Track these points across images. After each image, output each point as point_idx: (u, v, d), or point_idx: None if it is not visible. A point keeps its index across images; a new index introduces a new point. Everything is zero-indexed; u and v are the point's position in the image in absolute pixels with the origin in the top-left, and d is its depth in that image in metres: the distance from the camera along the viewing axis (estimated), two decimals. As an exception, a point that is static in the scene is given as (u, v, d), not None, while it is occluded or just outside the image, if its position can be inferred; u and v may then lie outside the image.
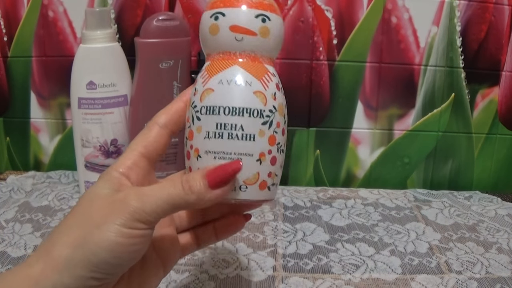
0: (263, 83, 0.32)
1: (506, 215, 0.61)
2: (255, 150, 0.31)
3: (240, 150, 0.31)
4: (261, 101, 0.31)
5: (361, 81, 0.67)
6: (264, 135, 0.31)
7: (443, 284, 0.46)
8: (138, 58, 0.58)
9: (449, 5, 0.64)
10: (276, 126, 0.32)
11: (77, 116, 0.60)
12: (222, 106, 0.31)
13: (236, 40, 0.32)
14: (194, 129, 0.32)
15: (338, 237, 0.55)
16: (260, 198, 0.32)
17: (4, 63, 0.70)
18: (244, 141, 0.31)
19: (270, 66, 0.34)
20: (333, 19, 0.65)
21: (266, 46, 0.33)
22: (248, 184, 0.31)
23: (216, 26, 0.32)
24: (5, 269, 0.47)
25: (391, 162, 0.70)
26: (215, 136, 0.31)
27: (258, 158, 0.31)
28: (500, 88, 0.67)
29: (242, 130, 0.31)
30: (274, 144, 0.32)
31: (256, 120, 0.31)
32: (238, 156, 0.31)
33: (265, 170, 0.32)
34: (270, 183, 0.32)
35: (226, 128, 0.31)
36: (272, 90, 0.32)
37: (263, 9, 0.32)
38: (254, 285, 0.46)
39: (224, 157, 0.31)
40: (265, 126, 0.31)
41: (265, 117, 0.31)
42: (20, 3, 0.67)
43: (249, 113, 0.31)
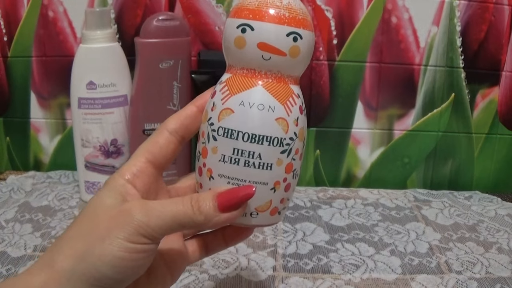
0: (286, 108, 0.30)
1: (506, 215, 0.61)
2: (271, 180, 0.30)
3: (255, 179, 0.30)
4: (283, 128, 0.30)
5: (361, 81, 0.67)
6: (282, 164, 0.30)
7: (443, 284, 0.46)
8: (138, 58, 0.58)
9: (449, 5, 0.64)
10: (294, 153, 0.30)
11: (77, 116, 0.60)
12: (241, 131, 0.29)
13: (263, 58, 0.30)
14: (209, 148, 0.30)
15: (338, 237, 0.55)
16: (270, 223, 0.32)
17: (4, 63, 0.70)
18: (261, 170, 0.30)
19: (296, 86, 0.31)
20: (333, 19, 0.65)
21: (294, 66, 0.31)
22: (260, 211, 0.30)
23: (243, 39, 0.30)
24: (5, 269, 0.47)
25: (391, 162, 0.70)
26: (230, 161, 0.30)
27: (273, 187, 0.30)
28: (500, 88, 0.67)
29: (259, 159, 0.29)
30: (290, 171, 0.31)
31: (275, 149, 0.30)
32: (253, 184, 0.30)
33: (278, 197, 0.31)
34: (281, 208, 0.31)
35: (243, 155, 0.29)
36: (295, 115, 0.30)
37: (296, 26, 0.29)
38: (254, 285, 0.46)
39: (238, 184, 0.30)
40: (284, 155, 0.30)
41: (284, 146, 0.30)
42: (20, 3, 0.67)
43: (269, 141, 0.29)
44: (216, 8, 0.65)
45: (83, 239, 0.28)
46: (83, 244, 0.28)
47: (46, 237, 0.53)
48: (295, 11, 0.30)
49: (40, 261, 0.29)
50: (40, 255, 0.49)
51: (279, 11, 0.29)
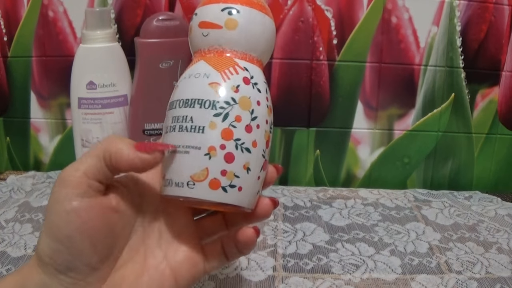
0: (223, 75, 0.30)
1: (506, 215, 0.61)
2: (204, 143, 0.29)
3: (188, 143, 0.29)
4: (216, 92, 0.29)
5: (361, 81, 0.67)
6: (215, 127, 0.29)
7: (443, 284, 0.46)
8: (138, 58, 0.58)
9: (449, 5, 0.64)
10: (234, 120, 0.29)
11: (77, 116, 0.60)
12: (178, 99, 0.30)
13: (203, 35, 0.31)
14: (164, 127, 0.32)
15: (338, 237, 0.55)
16: (212, 199, 0.29)
17: (4, 63, 0.70)
18: (193, 133, 0.29)
19: (243, 61, 0.31)
20: (333, 19, 0.65)
21: (235, 39, 0.31)
22: (196, 181, 0.29)
23: (190, 26, 0.32)
24: (5, 269, 0.47)
25: (391, 162, 0.70)
26: (169, 130, 0.30)
27: (207, 152, 0.29)
28: (500, 88, 0.67)
29: (191, 122, 0.29)
30: (230, 139, 0.29)
31: (206, 111, 0.29)
32: (186, 149, 0.29)
33: (217, 166, 0.29)
34: (226, 184, 0.29)
35: (178, 120, 0.30)
36: (234, 82, 0.30)
37: (232, 2, 0.31)
38: (254, 285, 0.46)
39: (173, 151, 0.30)
40: (218, 118, 0.29)
41: (218, 109, 0.29)
42: (20, 3, 0.67)
43: (200, 104, 0.29)
44: (216, 8, 0.65)
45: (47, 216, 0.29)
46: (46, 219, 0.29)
47: None
48: None
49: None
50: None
51: None
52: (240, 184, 0.30)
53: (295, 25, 0.65)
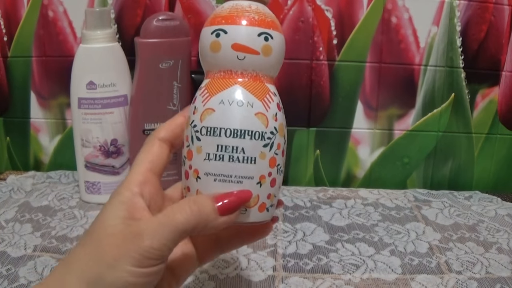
0: (265, 104, 0.31)
1: (506, 215, 0.61)
2: (256, 173, 0.31)
3: (241, 173, 0.30)
4: (263, 123, 0.31)
5: (361, 81, 0.67)
6: (265, 157, 0.31)
7: (443, 284, 0.46)
8: (138, 58, 0.58)
9: (449, 5, 0.64)
10: (277, 148, 0.31)
11: (77, 116, 0.60)
12: (223, 127, 0.30)
13: (238, 58, 0.31)
14: (194, 149, 0.31)
15: (338, 237, 0.55)
16: (259, 220, 0.32)
17: (4, 63, 0.70)
18: (245, 164, 0.30)
19: (271, 85, 0.33)
20: (333, 19, 0.65)
21: (268, 65, 0.32)
22: (248, 207, 0.31)
23: (218, 43, 0.31)
24: (5, 269, 0.47)
25: (391, 162, 0.70)
26: (215, 158, 0.30)
27: (259, 181, 0.31)
28: (500, 88, 0.67)
29: (243, 153, 0.30)
30: (274, 166, 0.31)
31: (257, 143, 0.30)
32: (238, 179, 0.30)
33: (265, 192, 0.31)
34: (269, 205, 0.32)
35: (227, 150, 0.30)
36: (273, 111, 0.31)
37: (266, 27, 0.31)
38: (254, 285, 0.46)
39: (224, 180, 0.30)
40: (266, 149, 0.31)
41: (266, 139, 0.31)
42: (20, 3, 0.67)
43: (250, 135, 0.30)
44: (216, 8, 0.65)
45: (94, 263, 0.28)
46: (94, 269, 0.28)
47: (46, 237, 0.53)
48: (264, 14, 0.32)
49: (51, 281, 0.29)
50: (40, 255, 0.50)
51: (249, 14, 0.31)
52: (275, 202, 0.33)
53: (295, 25, 0.65)
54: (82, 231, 0.55)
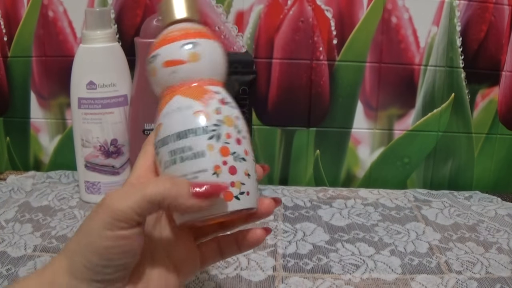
0: (204, 102, 0.33)
1: (506, 215, 0.61)
2: (209, 165, 0.32)
3: (194, 169, 0.32)
4: (202, 118, 0.32)
5: (361, 81, 0.67)
6: (213, 148, 0.32)
7: (443, 284, 0.47)
8: (138, 58, 0.58)
9: (449, 5, 0.64)
10: (225, 137, 0.32)
11: (77, 116, 0.60)
12: (169, 135, 0.32)
13: (172, 72, 0.34)
14: (157, 164, 0.34)
15: (338, 237, 0.55)
16: (231, 209, 0.32)
17: (4, 63, 0.70)
18: (195, 160, 0.32)
19: (214, 86, 0.34)
20: (333, 19, 0.65)
21: (201, 70, 0.34)
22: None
23: (154, 67, 0.34)
24: (5, 269, 0.47)
25: (391, 162, 0.70)
26: (170, 164, 0.32)
27: (214, 171, 0.32)
28: (500, 88, 0.67)
29: (190, 150, 0.32)
30: (228, 154, 0.32)
31: (201, 137, 0.32)
32: (194, 175, 0.32)
33: (226, 180, 0.32)
34: (237, 193, 0.32)
35: (176, 153, 0.32)
36: (214, 106, 0.33)
37: (189, 37, 0.34)
38: (254, 285, 0.46)
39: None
40: (213, 140, 0.32)
41: (210, 132, 0.32)
42: (20, 3, 0.67)
43: (193, 133, 0.32)
44: (216, 8, 0.65)
45: (76, 236, 0.31)
46: (75, 241, 0.31)
47: (46, 237, 0.53)
48: (188, 29, 0.34)
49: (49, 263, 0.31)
50: (40, 255, 0.50)
51: (173, 33, 0.34)
52: (247, 189, 0.33)
53: (295, 25, 0.65)
54: (82, 231, 0.55)
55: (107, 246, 0.29)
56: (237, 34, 0.66)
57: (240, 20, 0.66)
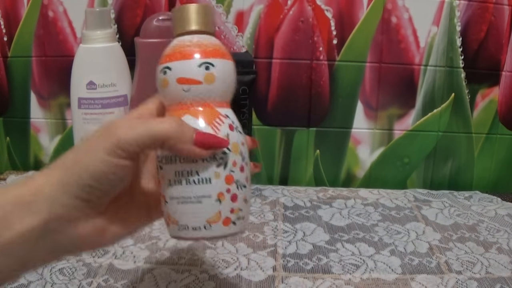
0: (214, 127, 0.33)
1: (506, 215, 0.61)
2: (213, 192, 0.33)
3: (198, 194, 0.32)
4: None
5: (361, 81, 0.67)
6: (220, 176, 0.33)
7: (443, 284, 0.47)
8: (138, 58, 0.58)
9: (449, 5, 0.64)
10: (232, 166, 0.33)
11: (77, 116, 0.60)
12: (175, 157, 0.33)
13: (184, 91, 0.33)
14: (160, 177, 0.34)
15: (338, 237, 0.55)
16: (226, 234, 0.34)
17: (4, 63, 0.70)
18: (201, 185, 0.32)
19: (223, 109, 0.34)
20: (333, 19, 0.65)
21: (214, 91, 0.34)
22: (212, 223, 0.33)
23: (166, 80, 0.34)
24: (5, 269, 0.47)
25: (391, 162, 0.70)
26: (175, 183, 0.33)
27: (217, 199, 0.33)
28: (500, 88, 0.67)
29: (197, 175, 0.32)
30: (232, 182, 0.33)
31: (210, 164, 0.32)
32: (197, 199, 0.32)
33: (227, 207, 0.33)
34: (235, 218, 0.33)
35: (183, 175, 0.33)
36: (224, 132, 0.33)
37: (206, 56, 0.34)
38: (254, 285, 0.46)
39: (185, 201, 0.33)
40: (220, 168, 0.33)
41: (218, 160, 0.33)
42: (20, 3, 0.67)
43: (202, 159, 0.32)
44: (216, 8, 0.65)
45: (74, 153, 0.32)
46: (72, 157, 0.32)
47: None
48: (205, 45, 0.34)
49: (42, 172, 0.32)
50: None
51: (190, 48, 0.34)
52: (243, 214, 0.34)
53: (295, 25, 0.65)
54: (82, 231, 0.55)
55: (104, 171, 0.30)
56: (237, 34, 0.66)
57: (240, 20, 0.66)
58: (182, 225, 0.33)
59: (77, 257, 0.49)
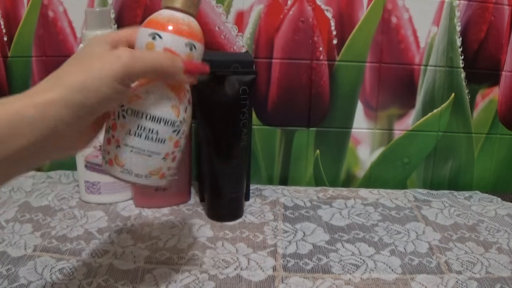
0: (180, 99, 0.38)
1: (506, 215, 0.61)
2: (163, 151, 0.38)
3: (152, 149, 0.38)
4: (175, 114, 0.38)
5: (361, 81, 0.67)
6: (172, 140, 0.39)
7: (443, 284, 0.47)
8: (138, 58, 0.58)
9: (449, 5, 0.64)
10: (182, 133, 0.39)
11: (77, 116, 0.59)
12: (145, 112, 0.37)
13: None
14: (119, 124, 0.38)
15: (338, 237, 0.55)
16: (158, 185, 0.40)
17: (4, 63, 0.70)
18: (157, 143, 0.38)
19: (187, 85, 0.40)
20: (333, 19, 0.65)
21: None
22: (152, 175, 0.39)
23: (153, 44, 0.37)
24: (5, 269, 0.47)
25: (391, 162, 0.70)
26: (135, 135, 0.38)
27: (164, 157, 0.39)
28: (500, 88, 0.67)
29: (156, 134, 0.38)
30: (177, 147, 0.39)
31: (168, 128, 0.38)
32: (149, 153, 0.38)
33: (167, 165, 0.39)
34: (168, 175, 0.40)
35: (144, 130, 0.37)
36: (185, 104, 0.39)
37: (192, 38, 0.38)
38: (254, 285, 0.46)
39: (138, 152, 0.38)
40: (174, 133, 0.39)
41: (176, 126, 0.38)
42: (20, 3, 0.67)
43: (164, 122, 0.38)
44: (216, 8, 0.65)
45: (80, 75, 0.33)
46: (79, 78, 0.33)
47: (46, 237, 0.53)
48: (192, 27, 0.38)
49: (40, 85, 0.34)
50: (40, 255, 0.50)
51: (182, 26, 0.38)
52: (174, 172, 0.41)
53: (295, 25, 0.65)
54: (82, 231, 0.55)
55: (111, 96, 0.34)
56: (237, 34, 0.66)
57: (240, 20, 0.66)
58: (126, 169, 0.38)
59: (77, 257, 0.50)
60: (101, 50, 0.36)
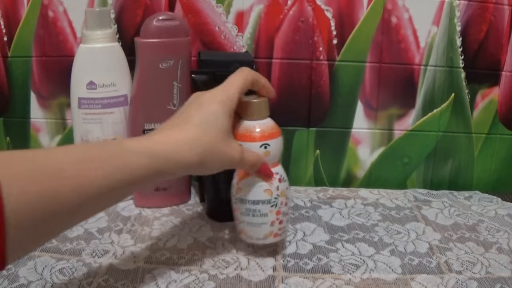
0: (269, 183, 0.49)
1: (506, 215, 0.61)
2: (268, 221, 0.49)
3: (259, 222, 0.49)
4: (269, 194, 0.49)
5: (361, 81, 0.67)
6: (272, 212, 0.49)
7: (443, 284, 0.47)
8: (138, 58, 0.58)
9: (449, 5, 0.64)
10: (280, 204, 0.49)
11: (77, 116, 0.60)
12: (248, 199, 0.49)
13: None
14: (235, 207, 0.51)
15: (338, 237, 0.55)
16: (275, 241, 0.51)
17: (4, 63, 0.70)
18: (261, 217, 0.49)
19: (274, 168, 0.50)
20: (333, 19, 0.65)
21: (269, 160, 0.49)
22: (267, 237, 0.50)
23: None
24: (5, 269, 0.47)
25: (391, 162, 0.70)
26: (245, 215, 0.50)
27: (271, 224, 0.49)
28: (500, 88, 0.67)
29: (259, 212, 0.49)
30: (280, 214, 0.50)
31: (266, 206, 0.49)
32: (258, 225, 0.49)
33: (276, 228, 0.50)
34: (280, 233, 0.51)
35: (250, 211, 0.49)
36: (275, 184, 0.49)
37: (265, 139, 0.48)
38: (254, 285, 0.46)
39: (251, 225, 0.49)
40: (273, 207, 0.49)
41: (272, 202, 0.49)
42: (20, 3, 0.67)
43: (262, 203, 0.49)
44: (216, 8, 0.65)
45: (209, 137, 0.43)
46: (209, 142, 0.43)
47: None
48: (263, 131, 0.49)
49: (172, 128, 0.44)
50: (40, 255, 0.50)
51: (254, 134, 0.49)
52: (285, 229, 0.52)
53: (295, 25, 0.65)
54: (83, 231, 0.55)
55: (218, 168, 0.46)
56: (237, 34, 0.66)
57: (240, 20, 0.66)
58: (249, 236, 0.50)
59: (77, 257, 0.50)
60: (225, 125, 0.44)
